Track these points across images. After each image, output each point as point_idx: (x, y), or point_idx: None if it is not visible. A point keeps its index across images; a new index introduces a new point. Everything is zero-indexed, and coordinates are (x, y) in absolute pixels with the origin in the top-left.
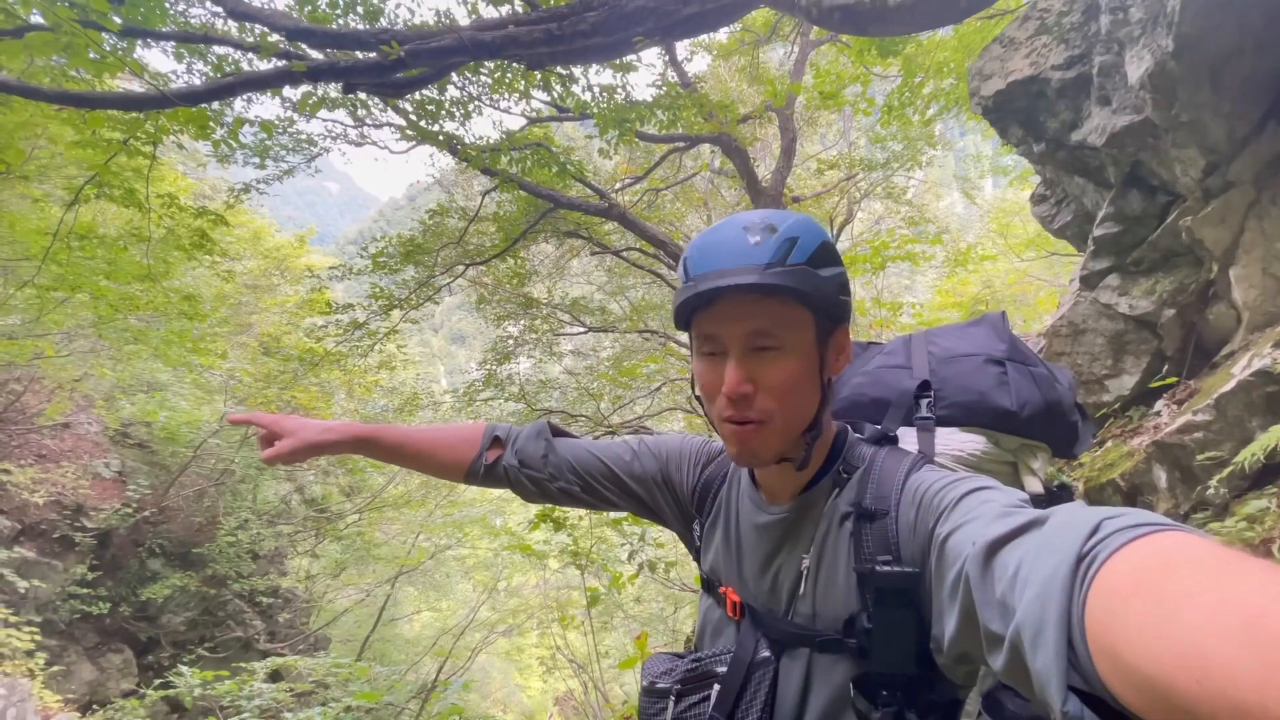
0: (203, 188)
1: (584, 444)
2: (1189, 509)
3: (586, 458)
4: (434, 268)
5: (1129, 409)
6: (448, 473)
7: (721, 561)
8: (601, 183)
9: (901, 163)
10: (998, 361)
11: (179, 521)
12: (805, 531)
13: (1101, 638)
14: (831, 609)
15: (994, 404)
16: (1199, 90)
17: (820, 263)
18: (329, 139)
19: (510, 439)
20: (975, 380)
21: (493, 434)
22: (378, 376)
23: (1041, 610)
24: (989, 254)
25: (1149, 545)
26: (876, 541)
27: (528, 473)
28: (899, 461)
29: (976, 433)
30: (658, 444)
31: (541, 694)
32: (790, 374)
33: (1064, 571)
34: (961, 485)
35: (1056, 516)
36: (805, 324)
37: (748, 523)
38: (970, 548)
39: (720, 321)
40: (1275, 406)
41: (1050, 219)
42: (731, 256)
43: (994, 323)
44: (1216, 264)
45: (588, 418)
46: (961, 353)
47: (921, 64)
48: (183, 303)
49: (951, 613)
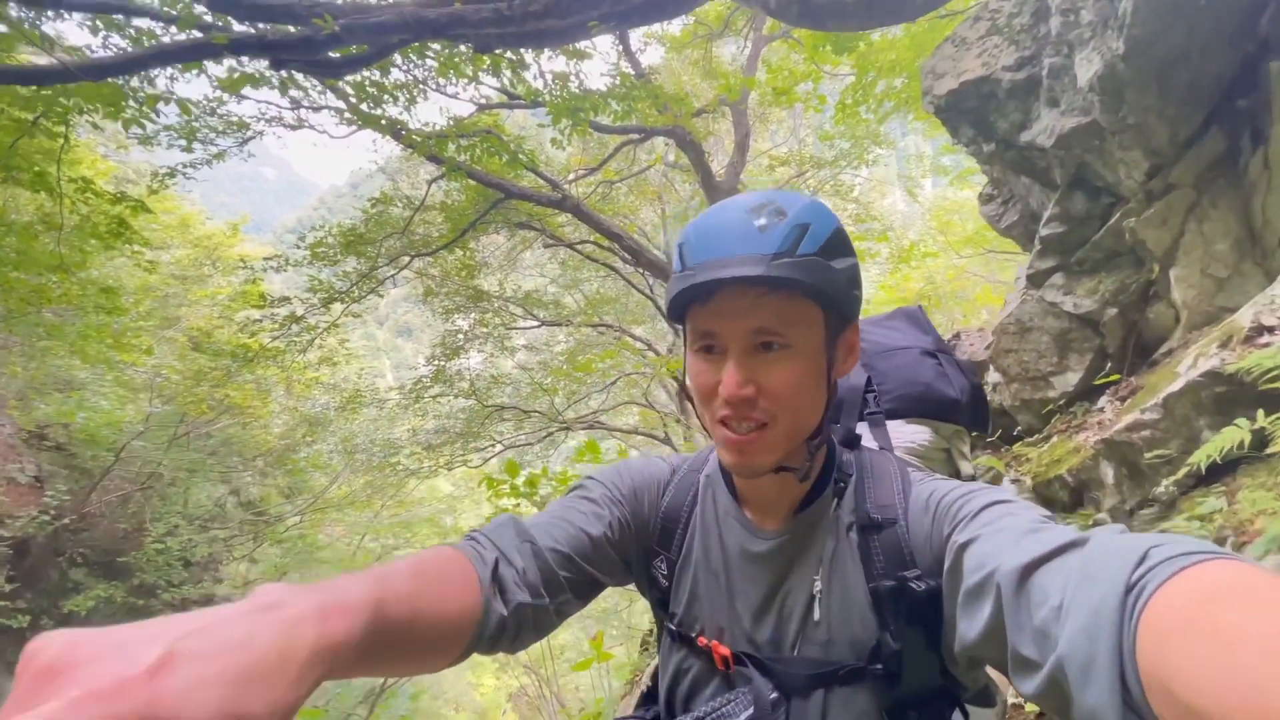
0: (125, 171)
1: (555, 519)
2: (1135, 505)
3: (573, 535)
4: (377, 259)
5: (1073, 405)
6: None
7: (705, 603)
8: (555, 174)
9: (849, 160)
10: (930, 354)
11: (102, 529)
12: (812, 551)
13: (1154, 673)
14: (848, 633)
15: (940, 394)
16: (1146, 93)
17: (833, 253)
18: (262, 121)
19: (502, 560)
20: (916, 373)
21: (478, 555)
22: (318, 373)
23: (1090, 644)
24: (931, 251)
25: (1199, 575)
26: (889, 554)
27: (538, 604)
28: (885, 464)
29: (920, 423)
30: (612, 479)
31: (495, 691)
32: (796, 376)
33: (1112, 604)
34: (981, 496)
35: (1098, 541)
36: (815, 321)
37: (740, 552)
38: (998, 561)
39: (719, 317)
40: (1223, 407)
41: (998, 218)
42: (734, 243)
43: (913, 315)
44: (1157, 264)
45: (542, 413)
46: (896, 346)
47: (874, 62)
48: (100, 295)
49: (972, 623)
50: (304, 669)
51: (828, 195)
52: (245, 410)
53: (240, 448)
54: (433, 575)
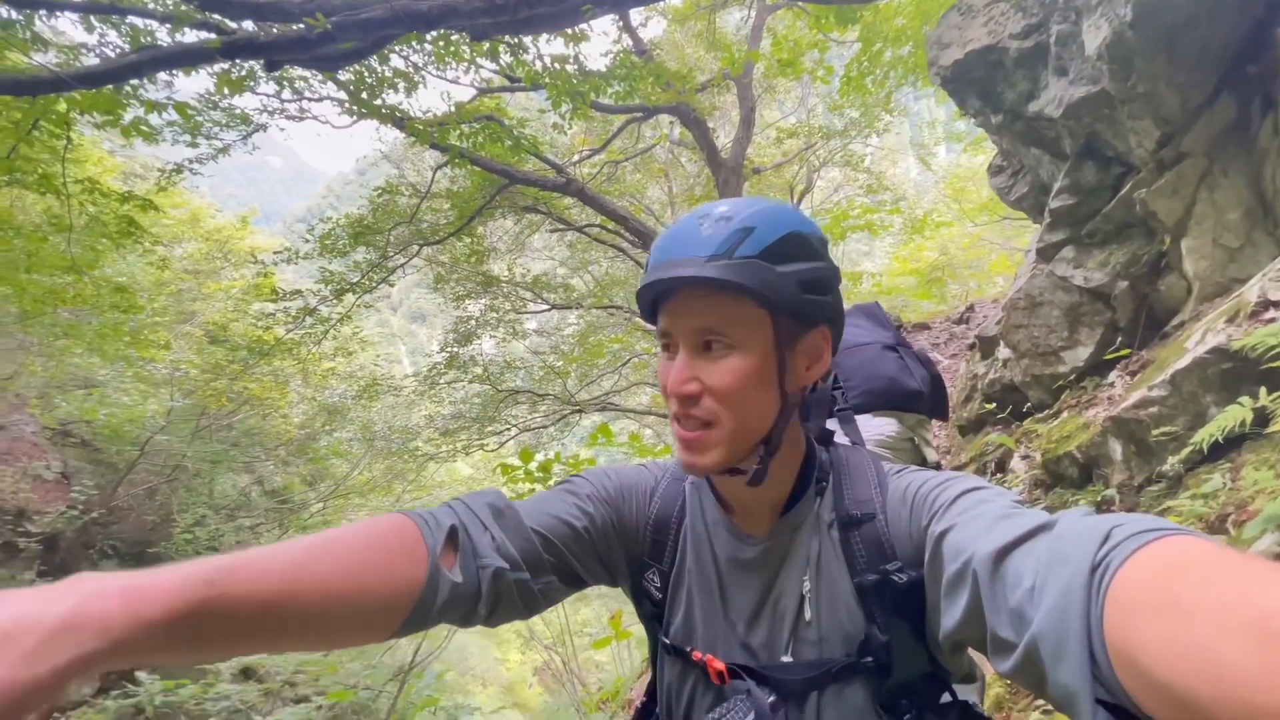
0: (132, 166)
1: (536, 505)
2: (1143, 481)
3: (552, 523)
4: (386, 248)
5: (1084, 380)
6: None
7: (699, 615)
8: (559, 154)
9: (859, 130)
10: (891, 347)
11: (130, 521)
12: (799, 552)
13: (1120, 648)
14: (839, 630)
15: (904, 386)
16: (1155, 60)
17: (780, 257)
18: (264, 114)
19: (467, 526)
20: (880, 367)
21: (427, 522)
22: (334, 363)
23: (1061, 623)
24: (945, 220)
25: (1159, 551)
26: (870, 548)
27: (518, 577)
28: (861, 460)
29: (887, 416)
30: (593, 479)
31: (521, 665)
32: (737, 376)
33: (1080, 583)
34: (955, 485)
35: (1066, 523)
36: (760, 323)
37: (728, 560)
38: (974, 548)
39: (671, 316)
40: (1229, 383)
41: (1007, 190)
42: (682, 246)
43: (869, 311)
44: (1169, 235)
45: (555, 397)
46: (858, 342)
47: (880, 31)
48: (114, 294)
49: (953, 609)
50: (44, 643)
51: (838, 165)
52: (264, 401)
53: (261, 438)
54: (358, 547)
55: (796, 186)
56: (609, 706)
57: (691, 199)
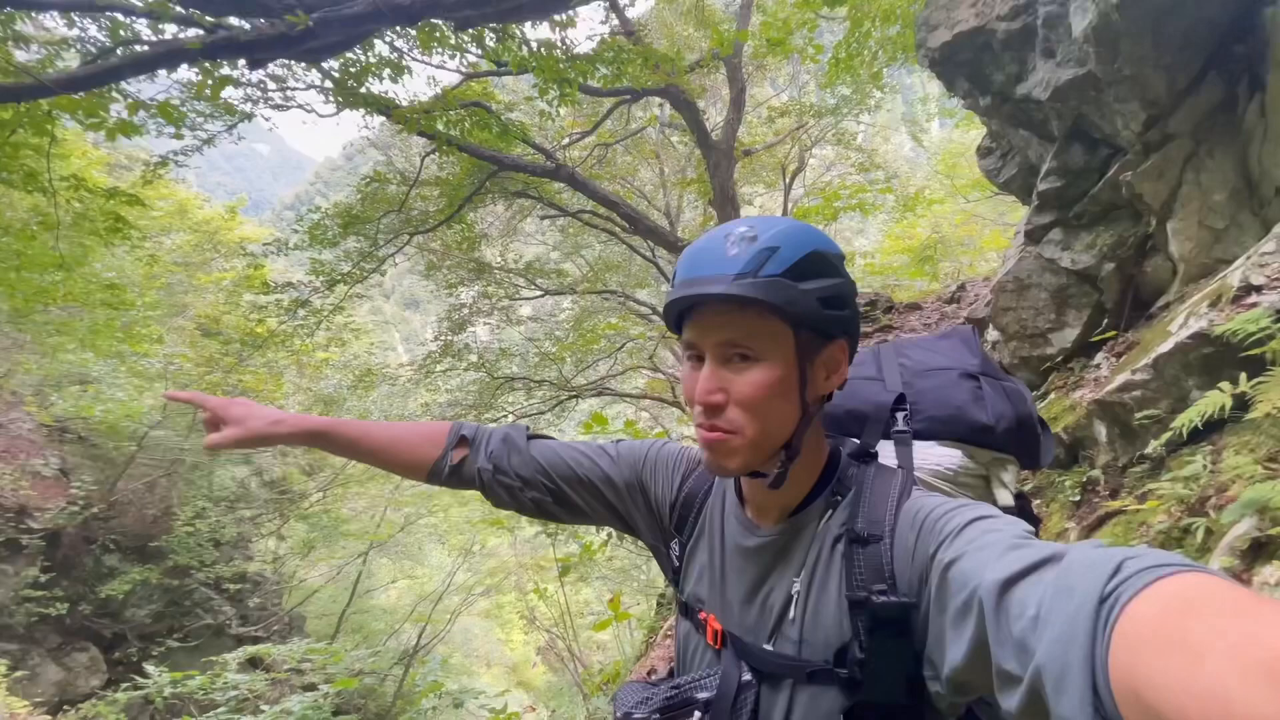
0: (118, 157)
1: (557, 446)
2: (1126, 462)
3: (559, 462)
4: (376, 237)
5: (1070, 361)
6: (409, 471)
7: (705, 586)
8: (549, 137)
9: (851, 107)
10: (972, 376)
11: (131, 515)
12: (796, 555)
13: (1125, 682)
14: (821, 636)
15: (971, 418)
16: (1141, 42)
17: (802, 274)
18: (248, 103)
19: (480, 440)
20: (952, 394)
21: (459, 433)
22: (328, 353)
23: (1064, 654)
24: (937, 198)
25: (1170, 587)
26: (870, 568)
27: (501, 479)
28: (889, 483)
29: (953, 446)
30: (634, 449)
31: (524, 646)
32: (761, 387)
33: (1086, 614)
34: (964, 512)
35: (1074, 554)
36: (783, 337)
37: (733, 545)
38: (980, 579)
39: (698, 329)
40: (1211, 367)
41: (996, 172)
42: (709, 265)
43: (965, 337)
44: (1154, 217)
45: (551, 382)
46: (936, 366)
47: (868, 10)
48: (104, 291)
49: (958, 642)
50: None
51: (830, 144)
52: (259, 393)
53: None
54: (402, 436)
55: (789, 166)
56: (610, 688)
57: (683, 182)
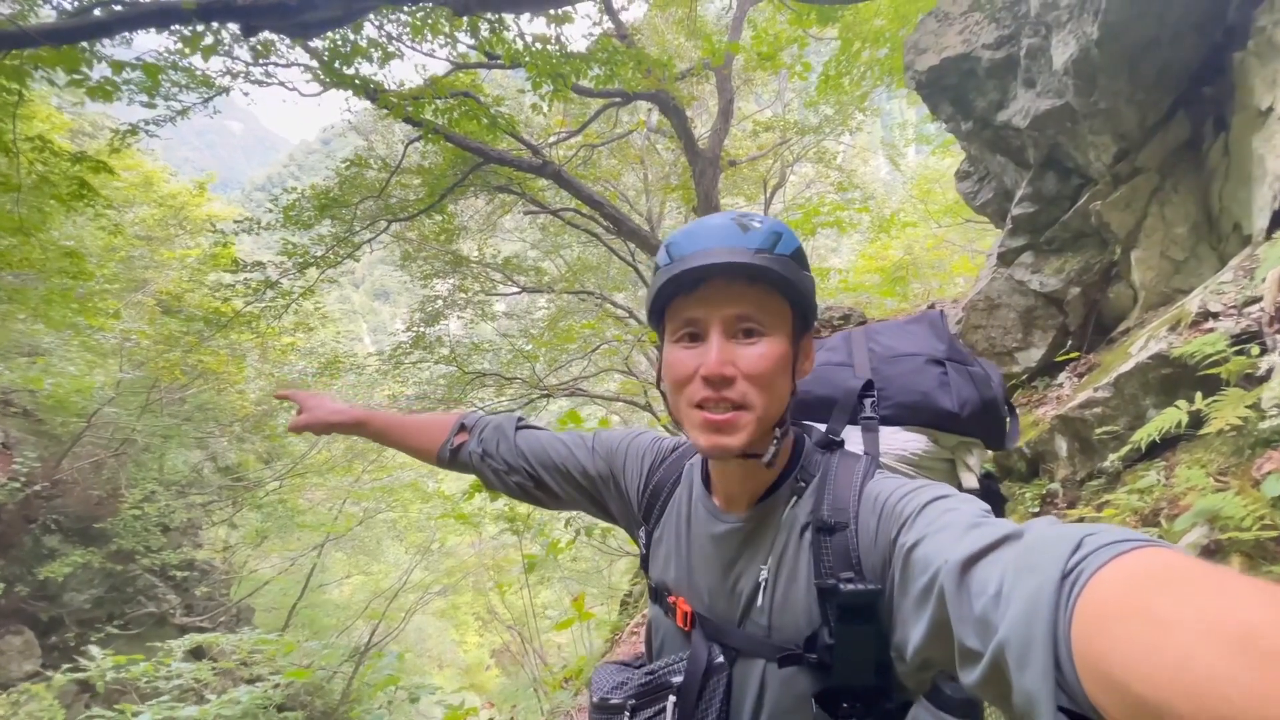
0: (81, 124)
1: (542, 436)
2: (1084, 476)
3: (540, 450)
4: (353, 222)
5: (1035, 379)
6: (423, 455)
7: (672, 571)
8: (536, 136)
9: (833, 127)
10: (938, 361)
11: (76, 495)
12: (763, 542)
13: (1089, 657)
14: (790, 622)
15: (936, 404)
16: (1118, 78)
17: (801, 263)
18: (227, 77)
19: (477, 428)
20: (918, 380)
21: (462, 421)
22: (294, 338)
23: (1027, 629)
24: (910, 221)
25: (1133, 562)
26: (837, 555)
27: (489, 463)
28: (852, 468)
29: (918, 432)
30: (609, 440)
31: (478, 648)
32: (769, 360)
33: (1049, 589)
34: (922, 494)
35: (1034, 532)
36: (785, 316)
37: (702, 532)
38: (941, 560)
39: (704, 304)
40: (1168, 387)
41: (973, 195)
42: (721, 240)
43: (933, 321)
44: (1120, 246)
45: (523, 380)
46: (903, 352)
47: (859, 32)
48: (62, 259)
49: (918, 623)
50: (329, 409)
51: (810, 161)
52: (219, 375)
53: (216, 413)
54: (419, 425)
55: (770, 180)
56: (571, 684)
57: (667, 188)
